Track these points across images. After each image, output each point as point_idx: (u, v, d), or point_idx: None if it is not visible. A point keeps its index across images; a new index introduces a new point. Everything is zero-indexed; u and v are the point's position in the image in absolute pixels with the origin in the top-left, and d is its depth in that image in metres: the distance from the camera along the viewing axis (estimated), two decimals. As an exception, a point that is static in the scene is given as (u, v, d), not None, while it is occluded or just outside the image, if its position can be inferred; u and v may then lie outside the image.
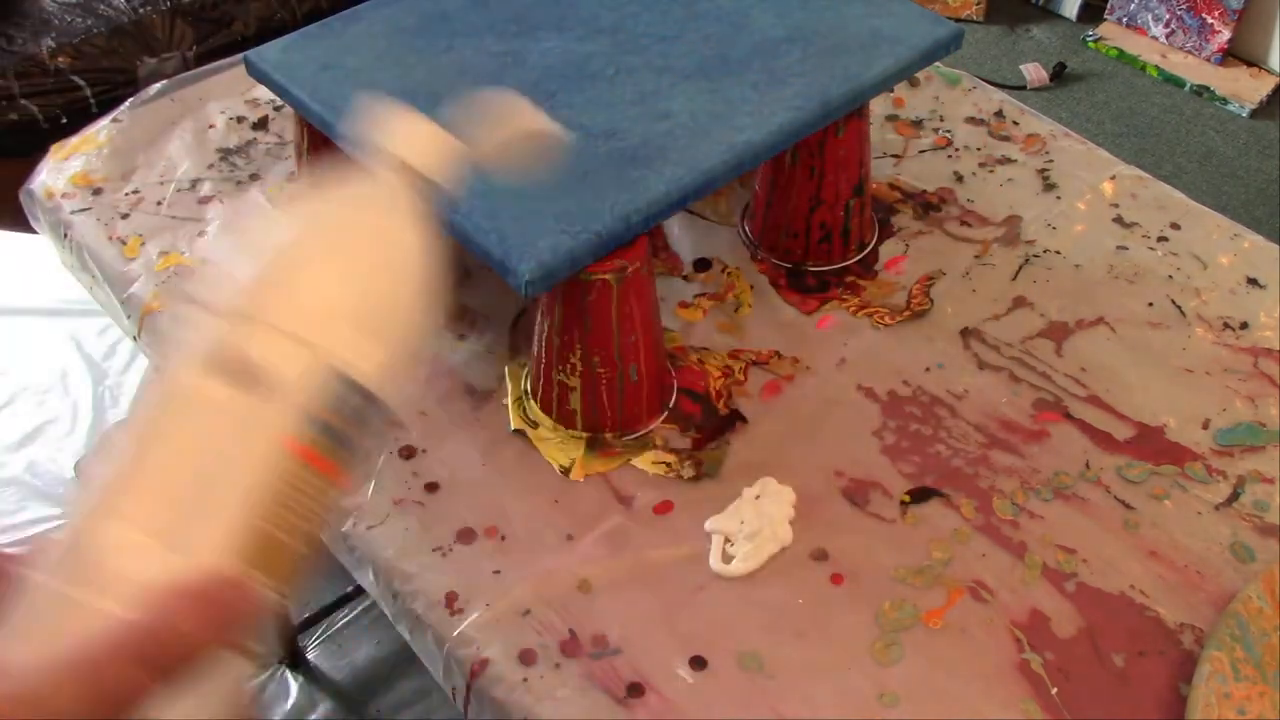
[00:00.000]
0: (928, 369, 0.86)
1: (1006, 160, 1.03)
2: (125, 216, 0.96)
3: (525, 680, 0.68)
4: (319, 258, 0.43)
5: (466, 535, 0.75)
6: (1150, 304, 0.91)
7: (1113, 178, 1.02)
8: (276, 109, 1.06)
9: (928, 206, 0.99)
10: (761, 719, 0.66)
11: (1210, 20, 2.40)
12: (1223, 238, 0.96)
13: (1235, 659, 0.67)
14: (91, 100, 1.21)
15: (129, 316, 0.91)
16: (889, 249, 0.95)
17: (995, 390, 0.85)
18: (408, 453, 0.80)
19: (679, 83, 0.83)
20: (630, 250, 0.74)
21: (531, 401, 0.83)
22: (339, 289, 0.42)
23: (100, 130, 1.03)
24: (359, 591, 1.50)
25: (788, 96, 0.82)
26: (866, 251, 0.95)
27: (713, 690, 0.68)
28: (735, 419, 0.82)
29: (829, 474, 0.79)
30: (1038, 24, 2.61)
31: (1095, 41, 2.52)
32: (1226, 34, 2.38)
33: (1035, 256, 0.95)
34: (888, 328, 0.89)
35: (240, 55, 0.92)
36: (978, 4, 2.58)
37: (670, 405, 0.83)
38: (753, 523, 0.75)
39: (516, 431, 0.81)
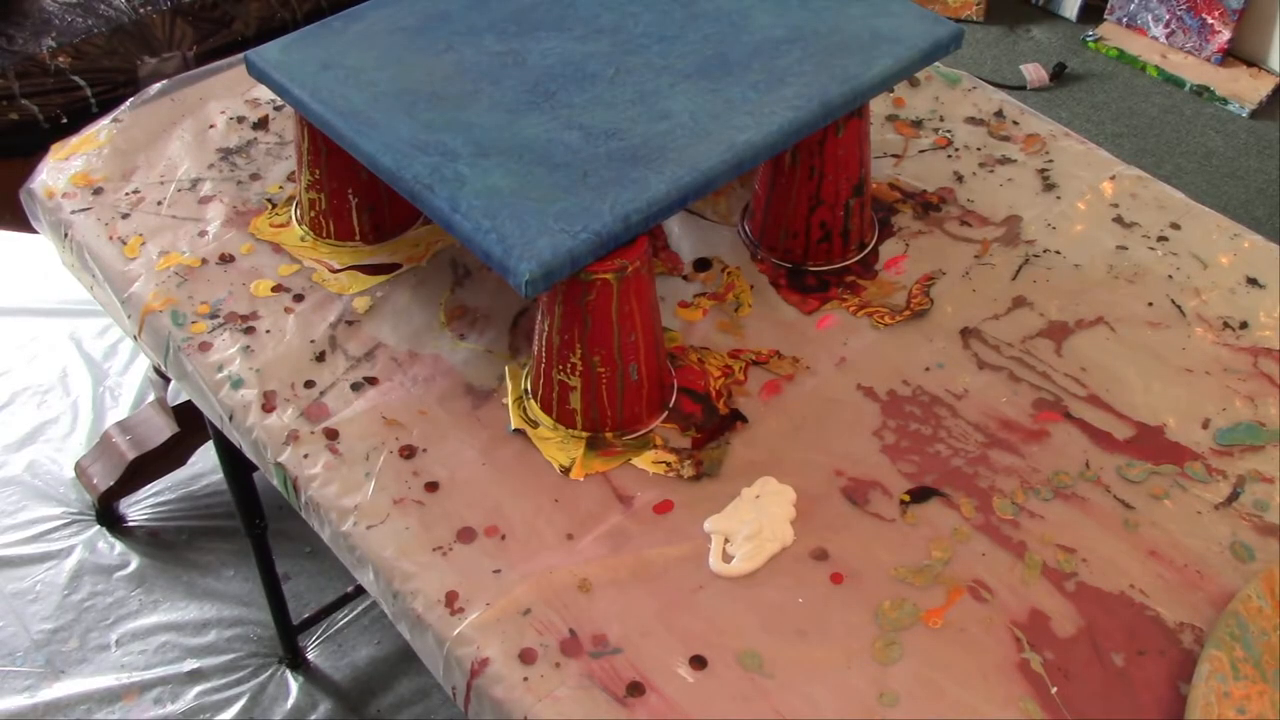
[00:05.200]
0: (928, 369, 0.86)
1: (1006, 160, 1.03)
2: (126, 216, 0.96)
3: (525, 679, 0.68)
4: None
5: (466, 535, 0.75)
6: (1150, 304, 0.91)
7: (1113, 178, 1.02)
8: (277, 109, 1.06)
9: (928, 206, 0.99)
10: (761, 718, 0.66)
11: (1210, 20, 2.40)
12: (1223, 238, 0.96)
13: (1235, 658, 0.67)
14: (92, 100, 1.21)
15: (129, 316, 0.91)
16: (889, 249, 0.95)
17: (995, 390, 0.85)
18: (408, 452, 0.80)
19: (679, 83, 0.83)
20: (630, 250, 0.74)
21: (532, 401, 0.83)
22: None
23: (100, 130, 1.03)
24: (359, 591, 1.50)
25: (788, 96, 0.82)
26: (866, 251, 0.95)
27: (713, 689, 0.68)
28: (735, 419, 0.82)
29: (829, 474, 0.79)
30: (1038, 24, 2.61)
31: (1095, 42, 2.52)
32: (1226, 34, 2.38)
33: (1035, 256, 0.95)
34: (888, 327, 0.89)
35: (240, 55, 0.92)
36: (978, 4, 2.58)
37: (670, 405, 0.83)
38: (753, 522, 0.75)
39: (517, 431, 0.81)
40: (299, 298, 0.90)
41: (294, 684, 1.45)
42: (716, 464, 0.80)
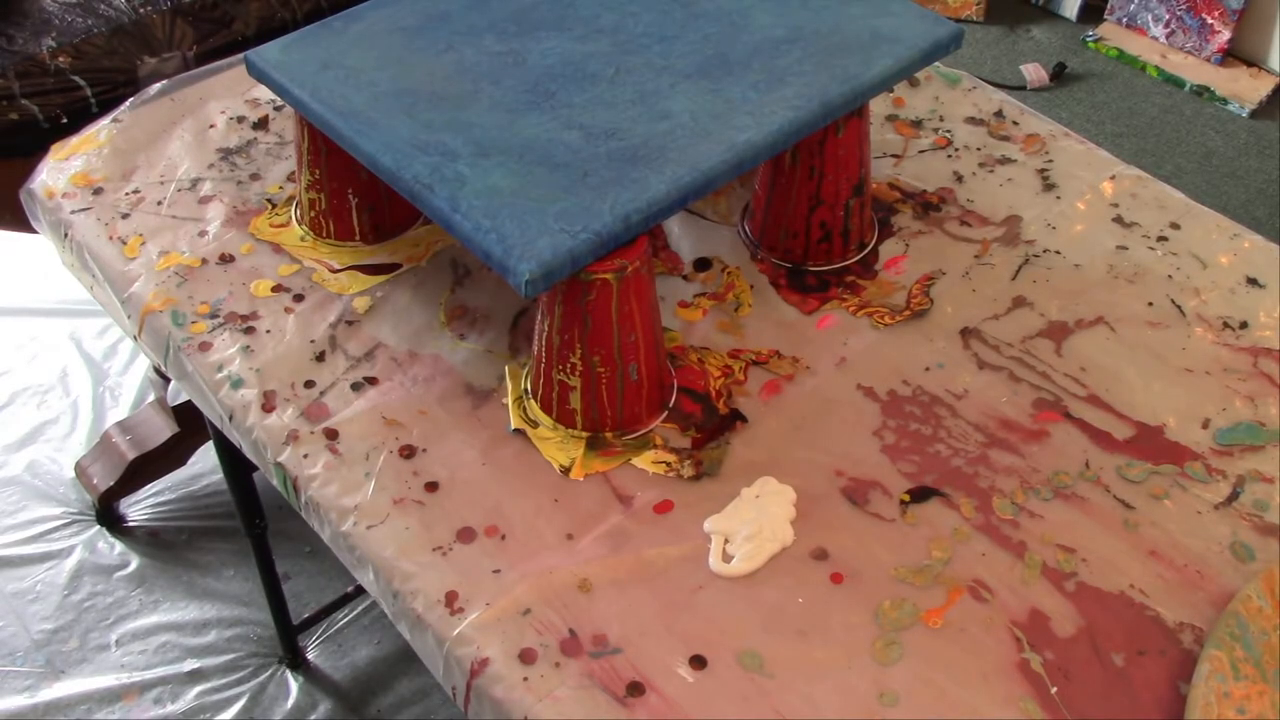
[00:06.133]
0: (928, 369, 0.86)
1: (1006, 160, 1.03)
2: (125, 216, 0.96)
3: (525, 679, 0.68)
4: None
5: (466, 535, 0.75)
6: (1150, 304, 0.91)
7: (1113, 178, 1.02)
8: (277, 109, 1.06)
9: (928, 206, 0.99)
10: (761, 718, 0.66)
11: (1210, 20, 2.40)
12: (1223, 238, 0.96)
13: (1235, 658, 0.67)
14: (92, 100, 1.21)
15: (129, 316, 0.91)
16: (889, 249, 0.95)
17: (995, 390, 0.85)
18: (408, 452, 0.80)
19: (679, 83, 0.83)
20: (630, 250, 0.74)
21: (531, 401, 0.83)
22: None
23: (100, 130, 1.03)
24: (359, 591, 1.50)
25: (788, 96, 0.82)
26: (866, 251, 0.95)
27: (713, 689, 0.68)
28: (735, 418, 0.82)
29: (829, 474, 0.79)
30: (1038, 24, 2.61)
31: (1095, 42, 2.52)
32: (1226, 34, 2.38)
33: (1035, 256, 0.95)
34: (888, 327, 0.89)
35: (240, 55, 0.92)
36: (978, 4, 2.58)
37: (670, 405, 0.83)
38: (753, 522, 0.75)
39: (516, 431, 0.81)
40: (299, 298, 0.90)
41: (294, 684, 1.45)
42: (716, 464, 0.80)
